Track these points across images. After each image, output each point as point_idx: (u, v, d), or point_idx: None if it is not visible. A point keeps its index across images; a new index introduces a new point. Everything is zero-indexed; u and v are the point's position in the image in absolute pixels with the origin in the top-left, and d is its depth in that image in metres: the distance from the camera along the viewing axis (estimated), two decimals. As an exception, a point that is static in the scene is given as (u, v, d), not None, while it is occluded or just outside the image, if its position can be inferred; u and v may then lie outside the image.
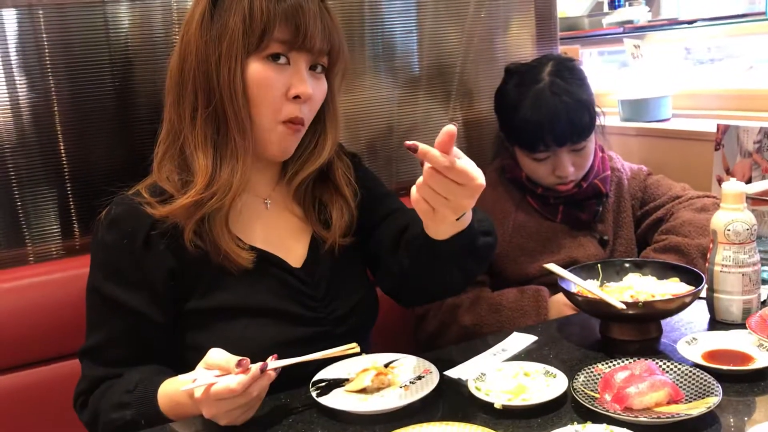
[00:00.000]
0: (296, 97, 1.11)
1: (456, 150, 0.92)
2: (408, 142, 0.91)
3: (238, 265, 1.14)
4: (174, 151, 1.15)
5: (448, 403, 1.06)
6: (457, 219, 1.02)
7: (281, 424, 1.03)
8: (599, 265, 1.34)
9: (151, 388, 1.09)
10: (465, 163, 0.93)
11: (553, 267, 1.31)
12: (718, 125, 1.79)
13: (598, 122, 1.69)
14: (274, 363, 1.01)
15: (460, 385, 1.09)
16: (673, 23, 2.62)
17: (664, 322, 1.25)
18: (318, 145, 1.23)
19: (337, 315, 1.22)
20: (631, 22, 2.59)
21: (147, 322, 1.14)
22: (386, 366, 1.14)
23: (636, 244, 1.76)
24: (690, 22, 2.63)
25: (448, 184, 0.93)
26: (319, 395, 1.06)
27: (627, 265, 1.33)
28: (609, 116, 2.28)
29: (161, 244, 1.12)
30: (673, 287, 1.24)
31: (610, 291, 1.23)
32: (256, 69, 1.10)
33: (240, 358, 0.97)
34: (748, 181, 1.73)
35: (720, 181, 1.80)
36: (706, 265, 1.26)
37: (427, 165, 0.92)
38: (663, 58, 2.70)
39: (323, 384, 1.10)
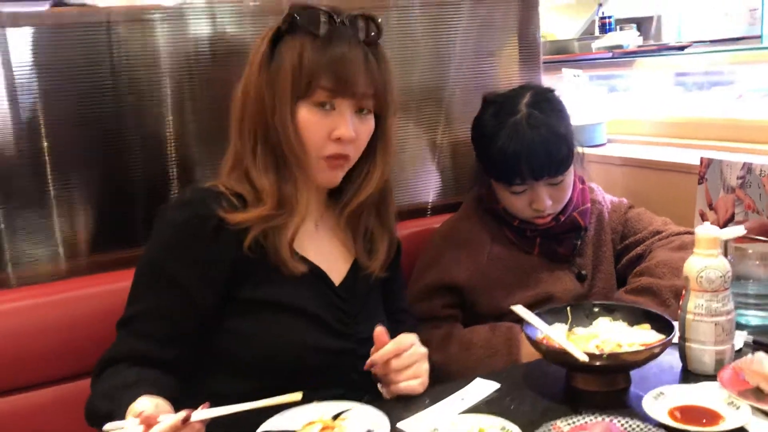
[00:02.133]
0: (338, 138, 1.20)
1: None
2: (367, 365, 1.19)
3: (290, 272, 1.21)
4: (240, 172, 1.24)
5: (396, 461, 1.00)
6: None
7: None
8: (568, 309, 1.29)
9: (131, 396, 1.06)
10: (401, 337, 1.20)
11: (519, 310, 1.25)
12: (702, 158, 1.74)
13: (577, 153, 1.64)
14: (199, 414, 0.97)
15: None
16: (663, 48, 2.58)
17: (633, 372, 1.19)
18: (369, 176, 1.30)
19: (362, 336, 1.26)
20: (620, 47, 2.54)
21: (193, 302, 1.18)
22: (336, 417, 1.08)
23: (616, 279, 1.71)
24: (681, 48, 2.59)
25: (406, 360, 1.18)
26: (262, 448, 1.00)
27: (596, 309, 1.27)
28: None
29: (231, 232, 1.18)
30: (643, 335, 1.18)
31: (576, 339, 1.18)
32: (304, 114, 1.19)
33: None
34: (731, 218, 1.68)
35: (702, 217, 1.75)
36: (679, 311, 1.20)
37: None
38: (652, 84, 2.67)
39: (269, 434, 1.04)
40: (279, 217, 1.20)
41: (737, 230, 1.17)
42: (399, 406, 1.15)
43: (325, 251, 1.31)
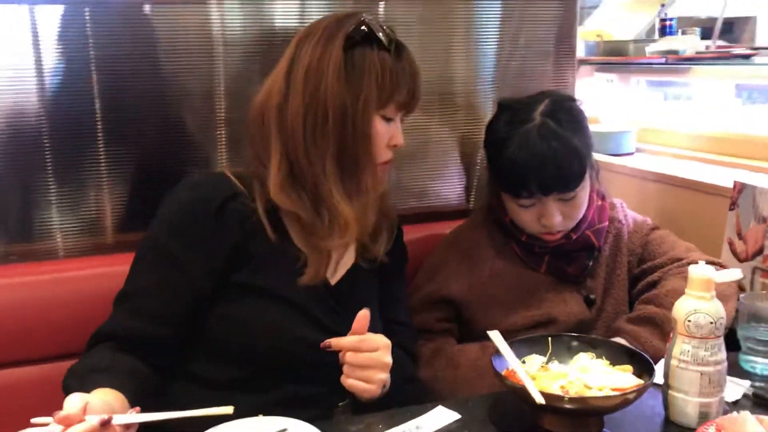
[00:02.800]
0: (395, 145, 1.26)
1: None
2: (323, 343, 1.14)
3: (294, 263, 1.22)
4: (302, 187, 1.22)
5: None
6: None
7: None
8: (549, 339, 1.20)
9: (97, 381, 1.06)
10: (371, 336, 1.15)
11: (494, 336, 1.17)
12: (735, 182, 1.59)
13: (594, 167, 1.53)
14: (121, 417, 0.94)
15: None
16: (725, 56, 2.40)
17: (610, 416, 1.09)
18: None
19: None
20: (675, 52, 2.37)
21: (191, 282, 1.19)
22: (277, 435, 1.03)
23: (629, 305, 1.59)
24: (746, 56, 2.40)
25: (362, 360, 1.13)
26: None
27: (575, 343, 1.18)
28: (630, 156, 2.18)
29: (233, 217, 1.20)
30: (621, 378, 1.08)
31: (544, 376, 1.09)
32: (378, 123, 1.22)
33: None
34: (760, 251, 1.53)
35: (731, 246, 1.61)
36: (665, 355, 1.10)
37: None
38: (708, 94, 2.49)
39: (199, 449, 1.00)
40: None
41: (733, 274, 1.05)
42: (349, 427, 1.09)
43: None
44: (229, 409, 0.99)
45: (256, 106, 1.24)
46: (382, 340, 1.16)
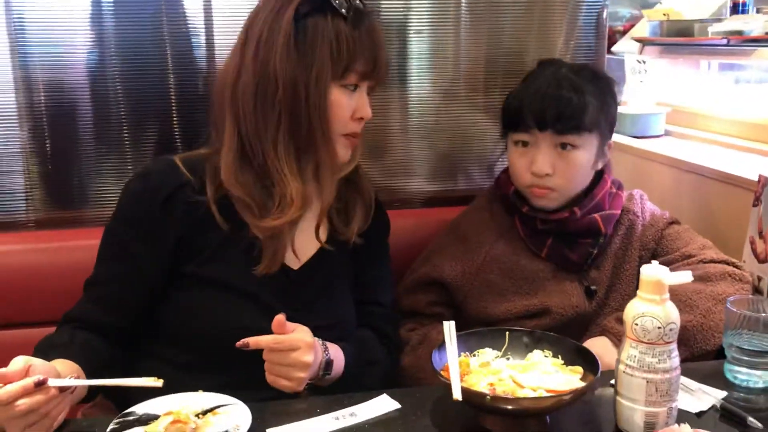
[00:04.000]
0: (360, 118, 1.23)
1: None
2: (239, 342, 1.10)
3: (249, 252, 1.22)
4: (251, 166, 1.21)
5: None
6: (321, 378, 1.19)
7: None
8: (507, 333, 1.15)
9: (53, 356, 1.10)
10: (291, 335, 1.12)
11: (447, 326, 1.12)
12: (760, 176, 1.47)
13: (602, 138, 1.47)
14: (56, 381, 0.98)
15: (260, 451, 0.98)
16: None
17: (554, 416, 1.05)
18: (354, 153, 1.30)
19: (317, 325, 1.20)
20: (740, 32, 2.19)
21: (141, 272, 1.21)
22: (209, 411, 1.05)
23: (636, 302, 1.51)
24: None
25: (281, 358, 1.11)
26: (114, 430, 0.99)
27: (525, 339, 1.13)
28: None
29: (180, 207, 1.20)
30: (562, 381, 1.03)
31: (481, 372, 1.05)
32: (335, 95, 1.20)
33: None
34: (777, 252, 1.41)
35: (752, 244, 1.48)
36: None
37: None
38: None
39: (131, 418, 1.03)
40: (303, 214, 1.22)
41: (684, 276, 0.97)
42: (284, 410, 1.09)
43: (300, 231, 1.27)
44: (158, 383, 1.02)
45: (215, 84, 1.25)
46: (303, 340, 1.13)
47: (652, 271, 0.98)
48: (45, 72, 1.51)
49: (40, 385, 0.97)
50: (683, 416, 1.04)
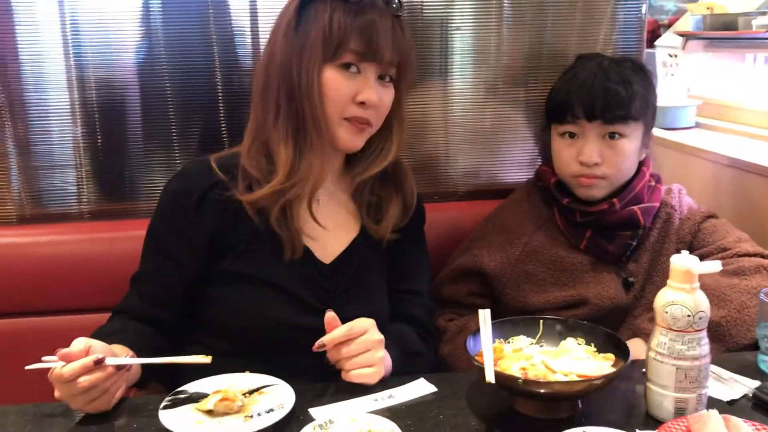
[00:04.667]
0: (362, 102, 1.22)
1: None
2: (315, 346, 1.14)
3: (281, 247, 1.25)
4: (260, 144, 1.27)
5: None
6: None
7: (110, 423, 1.07)
8: (541, 322, 1.18)
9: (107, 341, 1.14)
10: (356, 321, 1.16)
11: (482, 314, 1.16)
12: (801, 169, 1.47)
13: (647, 127, 1.50)
14: (113, 359, 1.05)
15: (303, 428, 1.02)
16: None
17: (586, 401, 1.08)
18: (384, 148, 1.32)
19: (348, 316, 1.21)
20: (784, 26, 2.18)
21: (181, 269, 1.26)
22: (254, 391, 1.10)
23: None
24: None
25: (358, 347, 1.14)
26: (166, 407, 1.06)
27: (559, 327, 1.16)
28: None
29: (213, 206, 1.25)
30: (594, 367, 1.06)
31: (515, 357, 1.08)
32: (330, 75, 1.21)
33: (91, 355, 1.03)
34: (813, 246, 1.41)
35: (791, 237, 1.49)
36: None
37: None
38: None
39: (182, 396, 1.09)
40: (293, 189, 1.22)
41: (713, 265, 0.99)
42: (325, 391, 1.15)
43: (327, 224, 1.31)
44: (206, 359, 1.09)
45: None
46: (367, 321, 1.17)
47: (682, 261, 1.00)
48: (97, 71, 1.59)
49: (99, 363, 1.04)
50: (714, 404, 1.06)
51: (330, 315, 1.16)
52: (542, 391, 1.00)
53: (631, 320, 1.49)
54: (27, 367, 1.07)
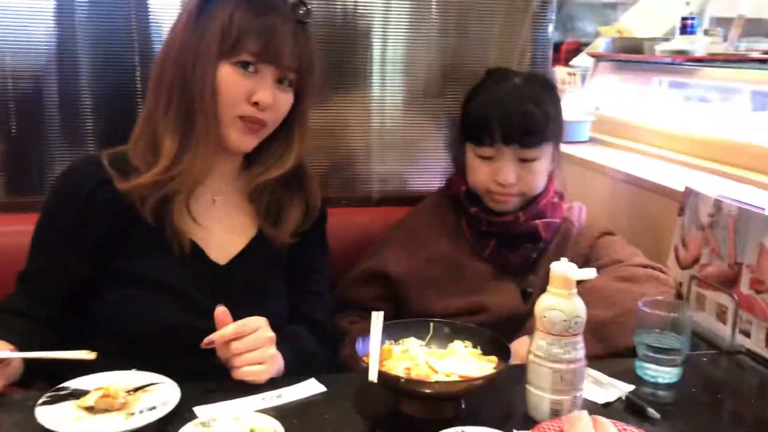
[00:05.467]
0: (256, 102, 1.21)
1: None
2: (204, 343, 1.14)
3: (173, 247, 1.24)
4: (149, 134, 1.25)
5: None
6: None
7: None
8: (431, 324, 1.21)
9: None
10: (249, 318, 1.16)
11: (375, 317, 1.18)
12: (686, 187, 1.55)
13: (557, 147, 1.56)
14: None
15: (184, 425, 1.01)
16: (736, 59, 2.30)
17: (469, 402, 1.11)
18: (284, 154, 1.32)
19: (241, 318, 1.19)
20: (684, 52, 2.30)
21: (65, 269, 1.24)
22: (139, 389, 1.09)
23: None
24: (763, 61, 2.30)
25: (249, 343, 1.14)
26: (45, 402, 1.04)
27: (446, 329, 1.19)
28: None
29: (103, 205, 1.22)
30: (476, 368, 1.09)
31: (402, 358, 1.11)
32: (226, 72, 1.20)
33: None
34: (696, 260, 1.49)
35: (676, 252, 1.56)
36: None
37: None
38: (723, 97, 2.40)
39: (63, 393, 1.07)
40: (171, 182, 1.20)
41: (589, 272, 1.04)
42: (213, 389, 1.14)
43: (221, 226, 1.31)
44: (91, 355, 1.07)
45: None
46: (259, 319, 1.17)
47: (561, 267, 1.05)
48: (14, 59, 1.54)
49: None
50: (590, 406, 1.11)
51: (220, 309, 1.15)
52: (424, 390, 1.03)
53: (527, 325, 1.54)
54: None
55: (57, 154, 1.60)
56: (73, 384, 1.10)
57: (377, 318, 1.17)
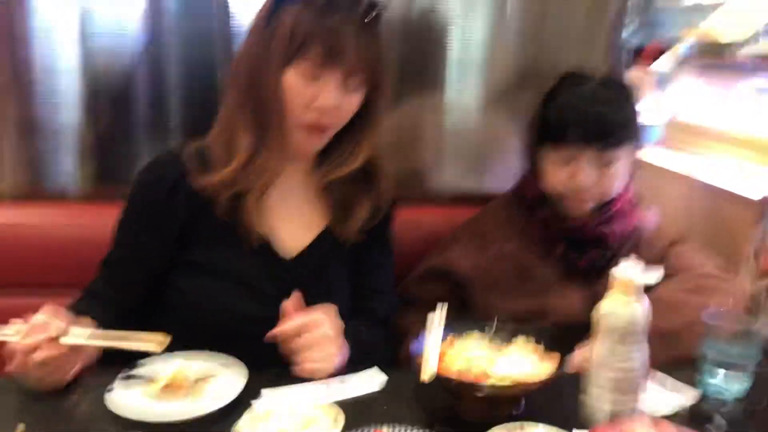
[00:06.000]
0: (319, 106, 1.22)
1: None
2: (267, 336, 1.16)
3: (245, 240, 1.28)
4: (225, 130, 1.29)
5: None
6: None
7: (59, 402, 1.10)
8: (495, 320, 1.22)
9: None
10: (311, 315, 1.19)
11: (433, 315, 1.20)
12: (765, 196, 1.50)
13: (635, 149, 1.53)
14: (67, 339, 1.08)
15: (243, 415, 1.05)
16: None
17: (529, 401, 1.11)
18: (353, 153, 1.33)
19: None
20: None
21: (147, 258, 1.30)
22: (208, 377, 1.14)
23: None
24: None
25: (311, 340, 1.17)
26: (116, 388, 1.10)
27: (511, 326, 1.20)
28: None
29: (182, 196, 1.27)
30: (538, 368, 1.09)
31: (454, 357, 1.12)
32: (291, 79, 1.22)
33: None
34: (770, 270, 1.45)
35: (751, 261, 1.52)
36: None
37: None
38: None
39: (135, 377, 1.14)
40: (243, 181, 1.25)
41: (652, 276, 1.03)
42: (279, 375, 1.17)
43: (293, 221, 1.34)
44: (158, 349, 1.12)
45: None
46: (321, 316, 1.19)
47: (622, 272, 1.04)
48: (108, 58, 1.65)
49: (53, 341, 1.07)
50: (650, 413, 1.09)
51: (288, 303, 1.19)
52: (476, 393, 1.04)
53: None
54: None
55: (144, 147, 1.70)
56: (144, 369, 1.16)
57: (436, 314, 1.19)
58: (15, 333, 1.07)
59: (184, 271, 1.30)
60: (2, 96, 1.64)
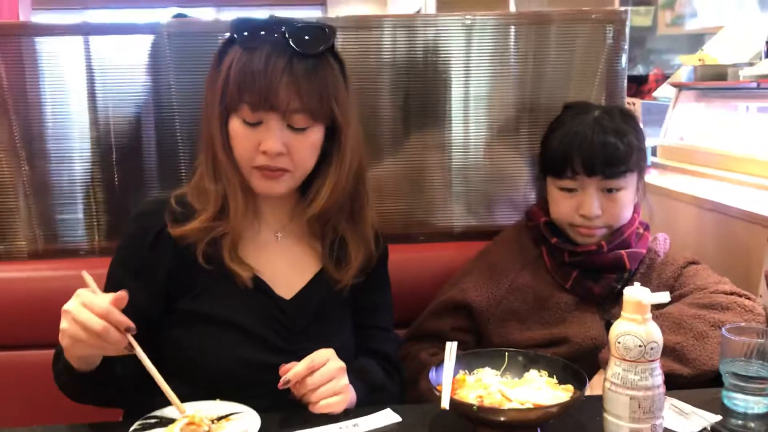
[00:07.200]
0: (265, 151, 1.20)
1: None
2: (281, 383, 1.16)
3: (238, 284, 1.26)
4: (200, 177, 1.30)
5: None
6: None
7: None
8: (506, 354, 1.21)
9: None
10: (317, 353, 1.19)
11: (449, 347, 1.19)
12: (775, 213, 1.50)
13: (641, 175, 1.55)
14: (137, 349, 1.10)
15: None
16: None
17: (546, 429, 1.10)
18: (319, 190, 1.29)
19: (309, 353, 1.21)
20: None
21: (137, 309, 1.22)
22: (222, 418, 1.13)
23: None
24: None
25: (322, 377, 1.16)
26: (135, 431, 1.09)
27: (521, 359, 1.18)
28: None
29: (168, 246, 1.26)
30: (551, 396, 1.08)
31: (474, 386, 1.11)
32: (234, 125, 1.22)
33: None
34: (786, 286, 1.43)
35: (767, 279, 1.50)
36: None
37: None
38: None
39: (153, 420, 1.13)
40: (219, 227, 1.24)
41: (661, 296, 1.02)
42: (291, 418, 1.16)
43: (284, 261, 1.33)
44: (181, 412, 1.11)
45: None
46: (326, 351, 1.19)
47: (634, 292, 1.03)
48: (115, 110, 1.68)
49: (129, 331, 1.08)
50: (673, 436, 1.08)
51: (284, 368, 1.18)
52: (497, 418, 1.02)
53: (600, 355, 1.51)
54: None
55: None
56: (161, 413, 1.15)
57: (451, 348, 1.18)
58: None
59: (178, 320, 1.27)
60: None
